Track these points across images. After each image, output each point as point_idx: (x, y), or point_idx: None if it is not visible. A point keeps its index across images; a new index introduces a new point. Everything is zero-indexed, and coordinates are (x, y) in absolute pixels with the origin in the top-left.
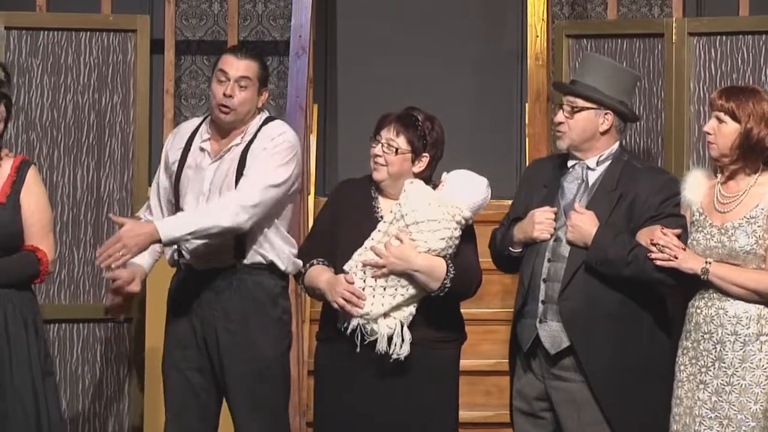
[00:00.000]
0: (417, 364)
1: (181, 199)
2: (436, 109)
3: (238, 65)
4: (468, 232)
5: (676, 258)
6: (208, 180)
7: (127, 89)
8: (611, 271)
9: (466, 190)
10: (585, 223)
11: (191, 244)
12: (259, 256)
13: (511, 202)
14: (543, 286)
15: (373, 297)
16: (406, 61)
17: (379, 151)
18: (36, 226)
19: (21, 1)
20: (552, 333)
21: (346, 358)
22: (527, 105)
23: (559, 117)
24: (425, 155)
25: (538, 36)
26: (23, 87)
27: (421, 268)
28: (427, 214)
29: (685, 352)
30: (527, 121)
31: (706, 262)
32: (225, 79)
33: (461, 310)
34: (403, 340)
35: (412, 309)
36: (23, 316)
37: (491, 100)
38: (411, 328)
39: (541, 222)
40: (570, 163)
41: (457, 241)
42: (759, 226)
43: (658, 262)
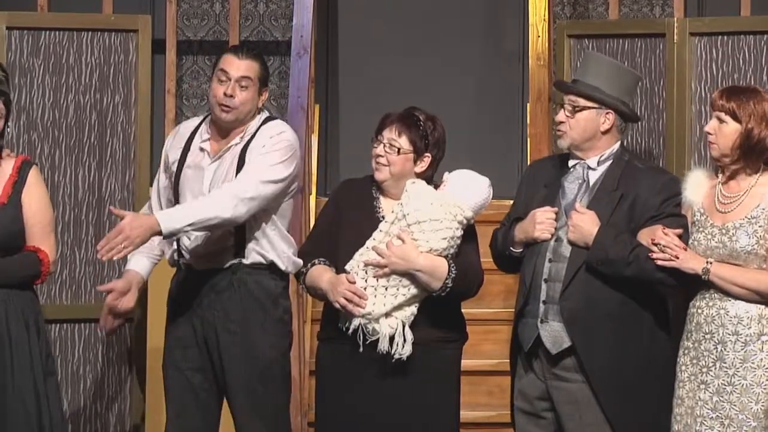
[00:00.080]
0: (418, 364)
1: (180, 198)
2: (437, 109)
3: (239, 65)
4: (469, 232)
5: (677, 258)
6: (207, 180)
7: (128, 89)
8: (612, 271)
9: (467, 190)
10: (586, 223)
11: (191, 243)
12: (260, 256)
13: (512, 202)
14: (544, 286)
15: (375, 297)
16: (408, 61)
17: (381, 151)
18: (37, 227)
19: (22, 1)
20: (553, 333)
21: (347, 358)
22: (528, 105)
23: (560, 116)
24: (427, 155)
25: (539, 36)
26: (25, 87)
27: (423, 268)
28: (428, 214)
29: (686, 352)
30: (528, 121)
31: (707, 262)
32: (226, 78)
33: (463, 310)
34: (404, 340)
35: (413, 309)
36: (25, 316)
37: (492, 100)
38: (412, 328)
39: (542, 222)
40: (571, 163)
41: (458, 241)
42: (760, 227)
43: (659, 262)
